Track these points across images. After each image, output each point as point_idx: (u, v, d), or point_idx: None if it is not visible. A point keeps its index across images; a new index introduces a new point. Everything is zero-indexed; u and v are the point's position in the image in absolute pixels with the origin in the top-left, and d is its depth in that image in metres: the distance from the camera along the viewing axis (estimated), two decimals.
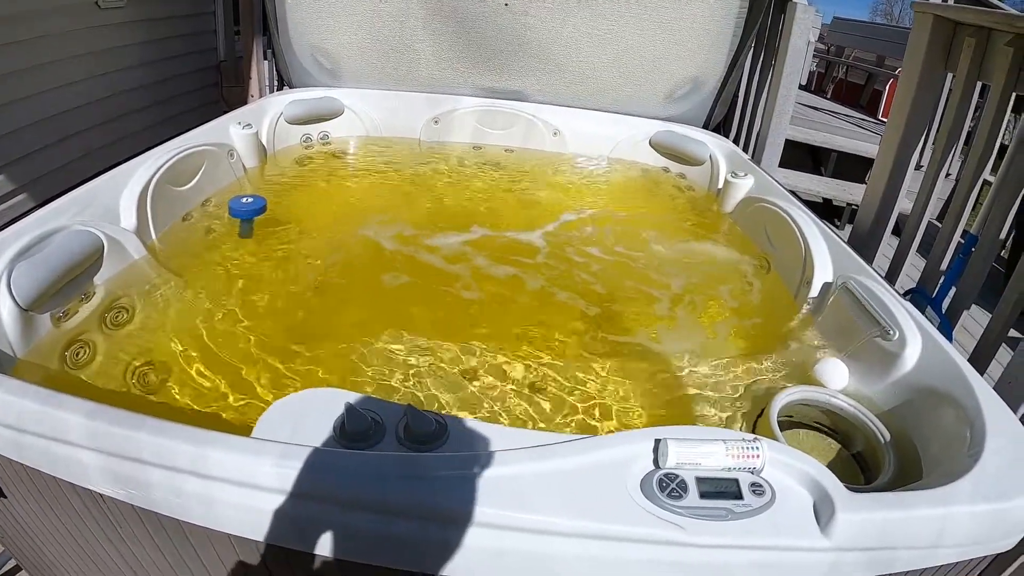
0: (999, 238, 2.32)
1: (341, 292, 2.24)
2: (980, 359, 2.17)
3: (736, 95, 3.73)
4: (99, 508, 1.21)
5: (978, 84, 2.50)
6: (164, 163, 2.28)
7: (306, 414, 1.23)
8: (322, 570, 1.13)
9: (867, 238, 2.91)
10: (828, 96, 9.19)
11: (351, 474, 1.08)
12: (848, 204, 5.40)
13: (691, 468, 1.12)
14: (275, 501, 1.07)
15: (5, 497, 1.34)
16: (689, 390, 1.76)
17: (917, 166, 2.82)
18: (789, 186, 2.91)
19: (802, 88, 8.20)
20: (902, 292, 2.07)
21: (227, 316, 1.92)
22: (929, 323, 1.70)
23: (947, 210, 2.59)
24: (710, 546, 1.06)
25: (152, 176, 2.20)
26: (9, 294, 1.55)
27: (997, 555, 1.22)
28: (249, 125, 2.87)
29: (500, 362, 1.81)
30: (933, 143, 3.96)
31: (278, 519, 1.07)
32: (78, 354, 1.68)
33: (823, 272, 2.07)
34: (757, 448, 1.13)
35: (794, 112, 4.26)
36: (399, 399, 1.64)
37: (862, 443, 1.58)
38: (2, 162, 3.53)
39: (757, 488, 1.11)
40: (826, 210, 5.75)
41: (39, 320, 1.64)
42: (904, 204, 2.82)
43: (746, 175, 2.89)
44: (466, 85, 3.61)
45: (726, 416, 1.69)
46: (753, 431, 1.58)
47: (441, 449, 1.16)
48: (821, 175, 6.09)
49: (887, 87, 7.89)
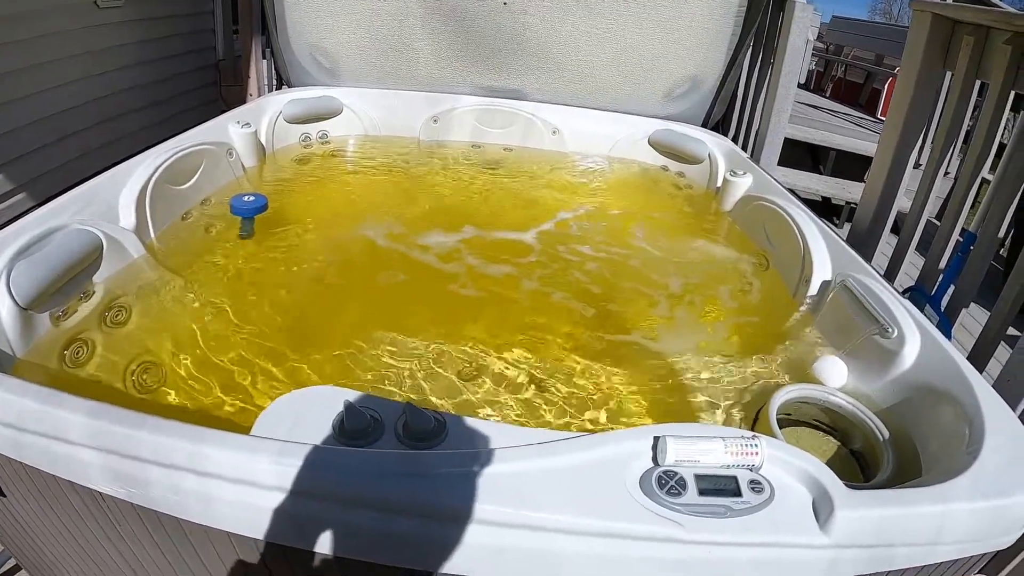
0: (998, 236, 2.32)
1: (340, 291, 2.24)
2: (979, 357, 2.17)
3: (735, 94, 3.73)
4: (98, 507, 1.21)
5: (977, 82, 2.50)
6: (163, 162, 2.28)
7: (305, 412, 1.23)
8: (321, 568, 1.13)
9: (866, 236, 2.91)
10: (827, 95, 9.18)
11: (351, 472, 1.08)
12: (847, 202, 5.40)
13: (690, 465, 1.12)
14: (274, 499, 1.07)
15: (4, 496, 1.34)
16: (688, 388, 1.76)
17: (916, 164, 2.82)
18: (788, 184, 2.91)
19: (801, 87, 8.20)
20: (901, 290, 2.07)
21: (226, 315, 1.92)
22: (928, 321, 1.70)
23: (946, 208, 2.59)
24: (709, 543, 1.06)
25: (151, 175, 2.20)
26: (8, 293, 1.55)
27: (997, 552, 1.22)
28: (248, 124, 2.87)
29: (499, 360, 1.81)
30: (932, 141, 3.96)
31: (277, 517, 1.07)
32: (77, 353, 1.68)
33: (822, 270, 2.07)
34: (756, 445, 1.13)
35: (793, 111, 4.26)
36: (398, 397, 1.64)
37: (861, 441, 1.58)
38: (1, 161, 3.52)
39: (756, 485, 1.11)
40: (825, 208, 5.76)
41: (38, 319, 1.64)
42: (903, 202, 2.82)
43: (745, 173, 2.89)
44: (465, 84, 3.60)
45: (725, 414, 1.69)
46: (752, 429, 1.59)
47: (440, 447, 1.16)
48: (820, 173, 6.09)
49: (886, 86, 7.89)
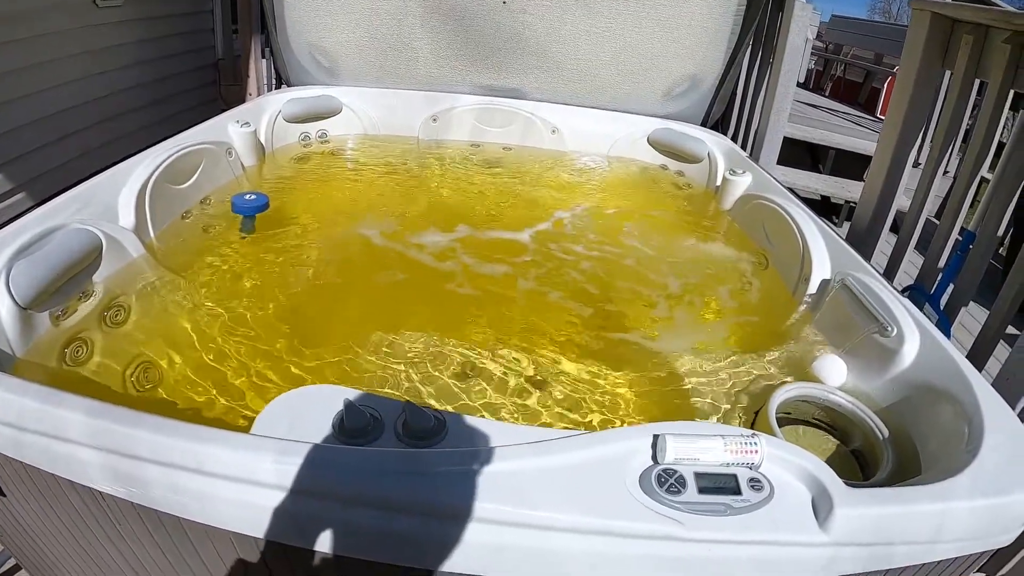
0: (997, 235, 2.32)
1: (339, 290, 2.24)
2: (978, 356, 2.17)
3: (734, 93, 3.73)
4: (98, 506, 1.21)
5: (976, 81, 2.50)
6: (163, 161, 2.28)
7: (305, 410, 1.23)
8: (321, 567, 1.13)
9: (865, 235, 2.91)
10: (826, 94, 9.17)
11: (351, 470, 1.08)
12: (846, 201, 5.40)
13: (689, 463, 1.12)
14: (274, 498, 1.07)
15: (4, 496, 1.34)
16: (687, 386, 1.76)
17: (915, 163, 2.82)
18: (787, 183, 2.91)
19: (800, 86, 8.19)
20: (900, 289, 2.07)
21: (225, 314, 1.92)
22: (927, 320, 1.70)
23: (945, 207, 2.59)
24: (709, 541, 1.06)
25: (151, 175, 2.20)
26: (8, 293, 1.55)
27: (996, 550, 1.22)
28: (247, 123, 2.87)
29: (498, 359, 1.81)
30: (931, 140, 3.96)
31: (277, 516, 1.07)
32: (77, 352, 1.68)
33: (821, 269, 2.07)
34: (755, 443, 1.13)
35: (792, 110, 4.26)
36: (397, 396, 1.64)
37: (860, 439, 1.58)
38: (0, 161, 3.52)
39: (755, 483, 1.11)
40: (824, 207, 5.76)
41: (38, 319, 1.64)
42: (902, 201, 2.82)
43: (744, 172, 2.89)
44: (464, 83, 3.60)
45: (724, 413, 1.69)
46: (752, 428, 1.59)
47: (440, 445, 1.16)
48: (819, 172, 6.09)
49: (885, 85, 7.88)
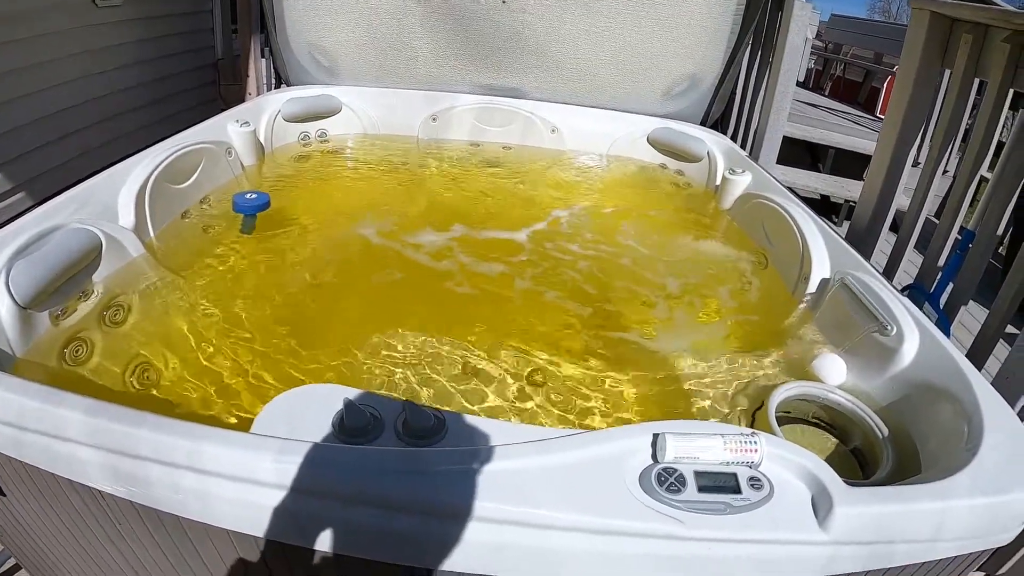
0: (996, 234, 2.32)
1: (339, 289, 2.24)
2: (978, 355, 2.17)
3: (734, 92, 3.73)
4: (98, 505, 1.21)
5: (975, 80, 2.50)
6: (162, 161, 2.28)
7: (304, 410, 1.23)
8: (321, 566, 1.13)
9: (865, 234, 2.91)
10: (826, 93, 9.17)
11: (350, 469, 1.08)
12: (846, 200, 5.39)
13: (689, 462, 1.12)
14: (274, 497, 1.07)
15: (4, 496, 1.34)
16: (687, 385, 1.76)
17: (915, 162, 2.81)
18: (787, 183, 2.91)
19: (800, 85, 8.19)
20: (900, 288, 2.07)
21: (225, 313, 1.92)
22: (927, 319, 1.70)
23: (944, 206, 2.59)
24: (709, 540, 1.06)
25: (150, 174, 2.20)
26: (8, 292, 1.55)
27: (996, 549, 1.22)
28: (247, 123, 2.87)
29: (497, 358, 1.81)
30: (930, 139, 3.96)
31: (277, 515, 1.08)
32: (77, 352, 1.68)
33: (821, 268, 2.07)
34: (755, 442, 1.13)
35: (792, 109, 4.26)
36: (397, 395, 1.64)
37: (860, 438, 1.58)
38: (0, 160, 3.52)
39: (755, 482, 1.11)
40: (824, 207, 5.76)
41: (38, 318, 1.64)
42: (902, 200, 2.82)
43: (744, 172, 2.89)
44: (464, 82, 3.60)
45: (724, 412, 1.69)
46: (751, 426, 1.59)
47: (440, 444, 1.16)
48: (819, 172, 6.09)
49: (885, 84, 7.87)
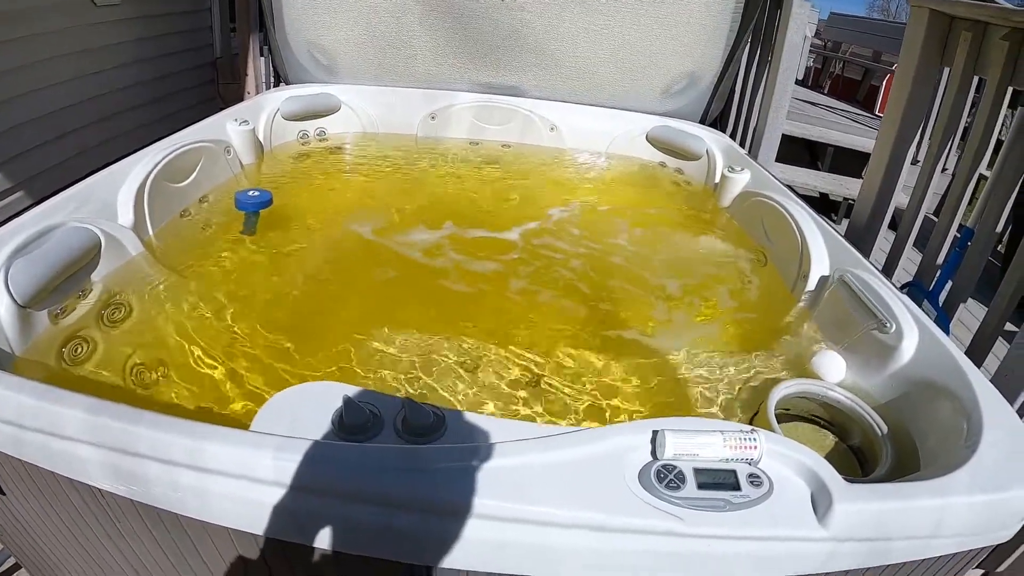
0: (995, 232, 2.32)
1: (338, 288, 2.24)
2: (976, 352, 2.16)
3: (733, 90, 3.73)
4: (98, 504, 1.21)
5: (974, 78, 2.50)
6: (161, 160, 2.28)
7: (304, 407, 1.23)
8: (321, 564, 1.13)
9: (864, 232, 2.91)
10: (825, 91, 9.17)
11: (350, 467, 1.08)
12: (845, 199, 5.39)
13: (689, 459, 1.12)
14: (273, 494, 1.07)
15: (4, 494, 1.34)
16: (686, 383, 1.76)
17: (913, 160, 2.81)
18: (786, 181, 2.91)
19: (799, 83, 8.18)
20: (899, 286, 2.07)
21: (223, 312, 1.92)
22: (926, 316, 1.70)
23: (943, 204, 2.59)
24: (708, 537, 1.06)
25: (149, 173, 2.20)
26: (7, 291, 1.55)
27: (996, 546, 1.22)
28: (246, 122, 2.87)
29: (496, 356, 1.81)
30: (929, 138, 3.96)
31: (276, 513, 1.08)
32: (76, 351, 1.68)
33: (820, 266, 2.08)
34: (755, 439, 1.13)
35: (791, 107, 4.26)
36: (397, 393, 1.64)
37: (859, 436, 1.58)
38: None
39: (755, 479, 1.11)
40: (823, 205, 5.76)
41: (37, 317, 1.64)
42: (900, 198, 2.82)
43: (743, 169, 2.89)
44: (463, 81, 3.60)
45: (723, 409, 1.69)
46: (751, 424, 1.59)
47: (439, 442, 1.16)
48: (818, 170, 6.09)
49: (884, 82, 7.88)
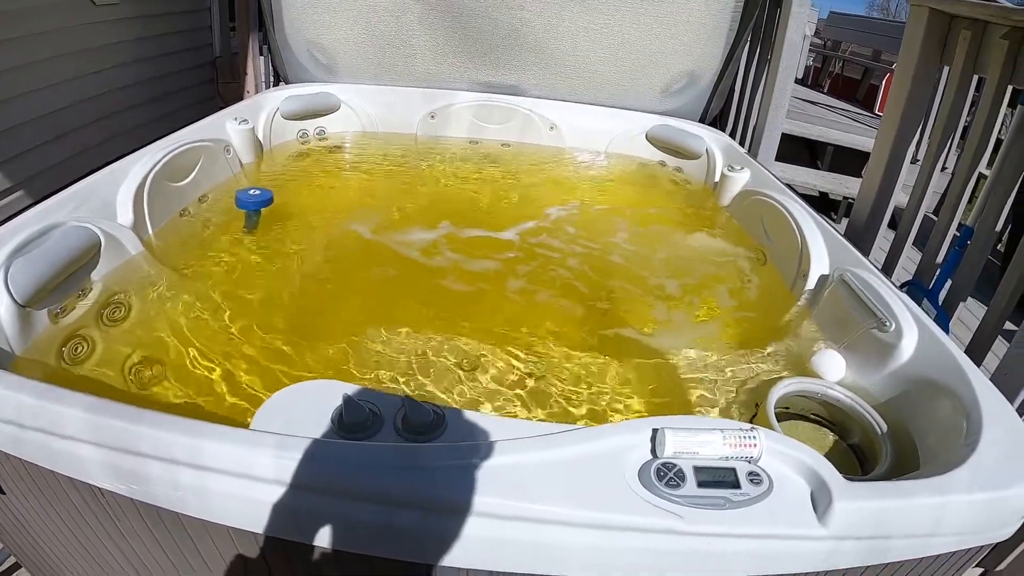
0: (995, 231, 2.32)
1: (337, 287, 2.24)
2: (976, 351, 2.17)
3: (732, 89, 3.73)
4: (98, 503, 1.21)
5: (974, 77, 2.50)
6: (161, 159, 2.28)
7: (304, 406, 1.23)
8: (320, 562, 1.13)
9: (863, 231, 2.91)
10: (824, 91, 9.18)
11: (350, 465, 1.08)
12: (844, 198, 5.39)
13: (688, 457, 1.12)
14: (273, 493, 1.07)
15: (4, 494, 1.34)
16: (686, 381, 1.76)
17: (913, 159, 2.82)
18: (786, 180, 2.91)
19: (799, 82, 8.20)
20: (898, 284, 2.07)
21: (223, 310, 1.92)
22: (925, 315, 1.70)
23: (943, 203, 2.59)
24: (708, 535, 1.06)
25: (149, 172, 2.20)
26: (6, 290, 1.55)
27: (996, 544, 1.22)
28: (245, 121, 2.87)
29: (496, 355, 1.81)
30: (929, 136, 3.96)
31: (276, 511, 1.08)
32: (76, 350, 1.68)
33: (819, 265, 2.08)
34: (754, 437, 1.13)
35: (791, 106, 4.26)
36: (396, 391, 1.64)
37: (859, 434, 1.58)
38: None
39: (754, 477, 1.11)
40: (823, 204, 5.76)
41: (36, 316, 1.64)
42: (900, 197, 2.82)
43: (742, 168, 2.89)
44: (462, 80, 3.60)
45: (723, 407, 1.69)
46: (750, 422, 1.59)
47: (439, 440, 1.16)
48: (818, 169, 6.09)
49: (883, 81, 7.88)
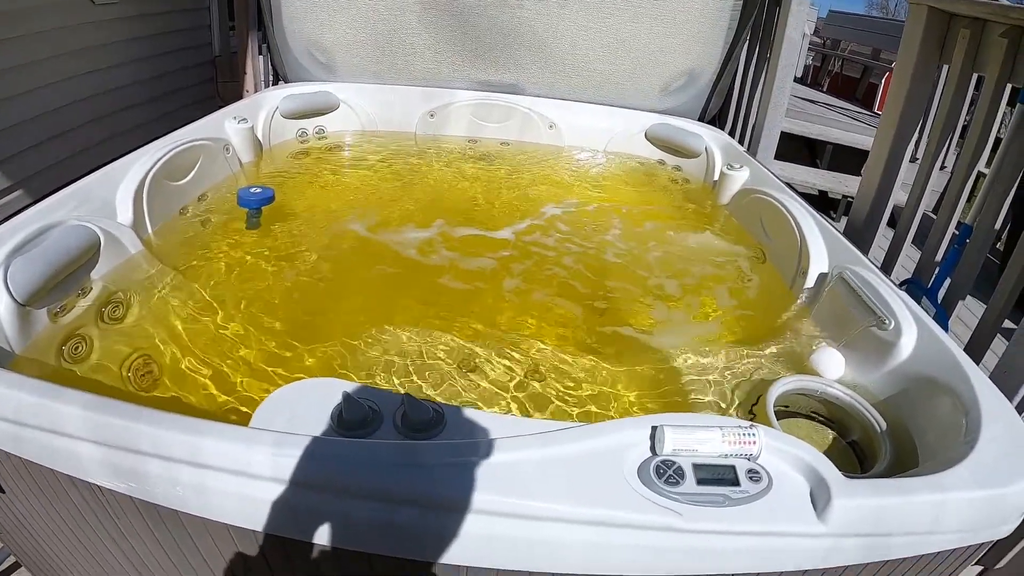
0: (994, 229, 2.33)
1: (337, 286, 2.24)
2: (975, 349, 2.17)
3: (732, 88, 3.74)
4: (98, 501, 1.21)
5: (973, 75, 2.50)
6: (160, 158, 2.28)
7: (303, 403, 1.23)
8: (319, 559, 1.13)
9: (862, 229, 2.91)
10: (824, 89, 9.18)
11: (349, 462, 1.08)
12: (844, 196, 5.39)
13: (688, 455, 1.13)
14: (273, 490, 1.07)
15: (3, 492, 1.34)
16: (685, 379, 1.76)
17: (912, 158, 2.82)
18: (785, 178, 2.91)
19: (798, 81, 8.19)
20: (898, 283, 2.07)
21: (223, 309, 1.92)
22: (924, 312, 1.70)
23: (942, 202, 2.59)
24: (707, 532, 1.06)
25: (148, 171, 2.20)
26: (6, 290, 1.55)
27: (995, 542, 1.22)
28: (245, 120, 2.87)
29: (495, 352, 1.81)
30: (928, 135, 3.96)
31: (275, 508, 1.08)
32: (76, 349, 1.68)
33: (819, 263, 2.08)
34: (753, 435, 1.13)
35: (790, 105, 4.26)
36: (396, 389, 1.64)
37: (858, 432, 1.58)
38: None
39: (754, 474, 1.11)
40: (822, 202, 5.76)
41: (36, 315, 1.64)
42: (899, 196, 2.82)
43: (742, 167, 2.89)
44: (462, 78, 3.60)
45: (722, 405, 1.69)
46: (750, 420, 1.59)
47: (438, 437, 1.16)
48: (817, 167, 6.09)
49: (883, 80, 7.87)
